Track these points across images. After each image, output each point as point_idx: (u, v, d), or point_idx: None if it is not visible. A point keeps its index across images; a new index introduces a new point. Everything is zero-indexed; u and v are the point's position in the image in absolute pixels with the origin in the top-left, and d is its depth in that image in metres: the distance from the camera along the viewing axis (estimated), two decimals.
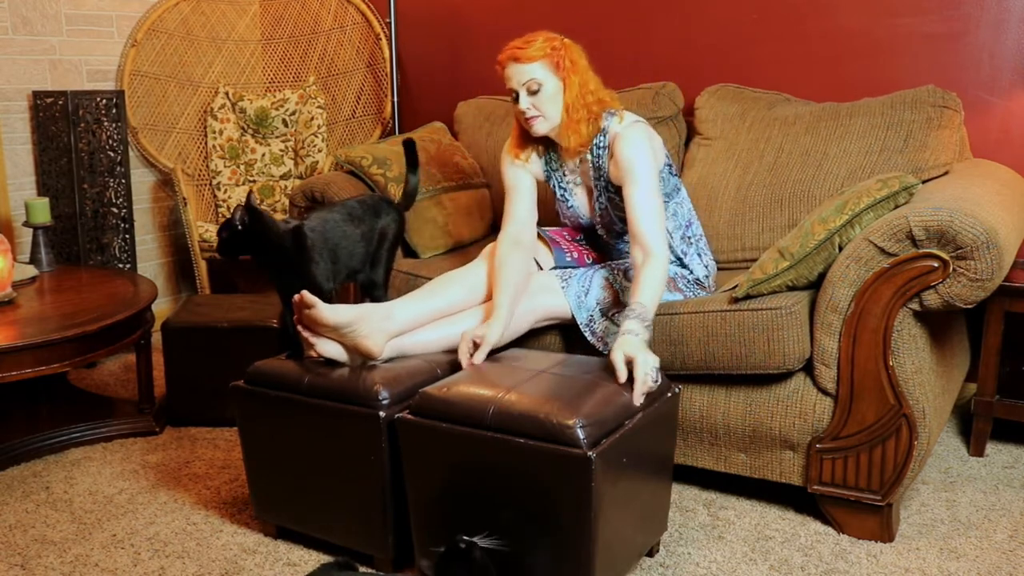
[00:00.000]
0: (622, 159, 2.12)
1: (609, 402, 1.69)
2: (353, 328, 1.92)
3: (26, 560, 1.97)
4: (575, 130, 2.16)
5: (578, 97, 2.14)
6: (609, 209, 2.27)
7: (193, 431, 2.71)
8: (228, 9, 3.98)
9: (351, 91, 3.89)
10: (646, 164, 2.11)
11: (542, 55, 2.12)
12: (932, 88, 2.49)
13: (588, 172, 2.27)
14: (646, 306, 1.91)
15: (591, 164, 2.24)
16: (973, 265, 1.80)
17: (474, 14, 3.55)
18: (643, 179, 2.09)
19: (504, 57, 2.16)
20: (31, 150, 3.41)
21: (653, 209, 2.08)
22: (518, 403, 1.67)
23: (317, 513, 1.96)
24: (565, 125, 2.16)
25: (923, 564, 1.89)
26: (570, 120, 2.16)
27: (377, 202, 2.29)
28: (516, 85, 2.15)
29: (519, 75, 2.14)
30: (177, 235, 3.97)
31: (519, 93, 2.15)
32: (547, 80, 2.13)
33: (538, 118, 2.17)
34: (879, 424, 1.92)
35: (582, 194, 2.34)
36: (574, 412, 1.61)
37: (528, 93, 2.14)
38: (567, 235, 2.41)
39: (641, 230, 2.05)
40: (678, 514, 2.12)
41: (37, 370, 2.33)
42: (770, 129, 2.69)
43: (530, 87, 2.14)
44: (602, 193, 2.25)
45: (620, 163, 2.12)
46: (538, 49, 2.12)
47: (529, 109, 2.16)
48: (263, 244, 2.01)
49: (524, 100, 2.15)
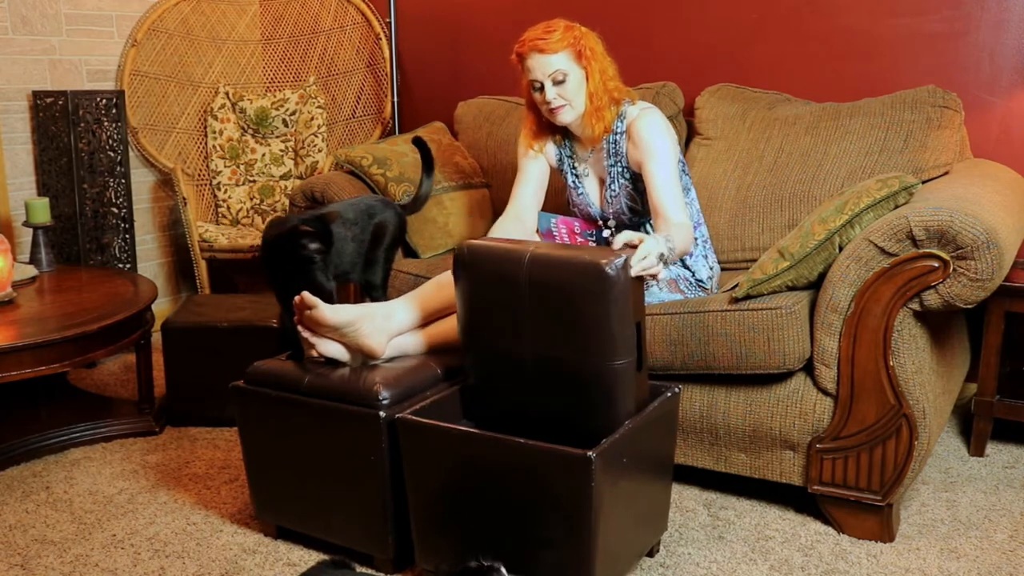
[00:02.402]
0: (641, 139, 2.17)
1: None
2: (355, 328, 1.92)
3: (26, 560, 1.97)
4: (599, 117, 2.20)
5: (600, 84, 2.18)
6: (621, 197, 2.28)
7: (193, 431, 2.71)
8: (228, 9, 3.98)
9: (351, 91, 3.89)
10: (665, 142, 2.18)
11: (565, 45, 2.15)
12: (932, 88, 2.49)
13: (601, 160, 2.28)
14: (670, 237, 1.96)
15: (606, 151, 2.26)
16: (973, 265, 1.80)
17: (474, 14, 3.55)
18: (662, 156, 2.16)
19: (526, 49, 2.16)
20: (31, 150, 3.41)
21: (673, 184, 2.15)
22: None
23: (317, 513, 1.95)
24: (589, 113, 2.20)
25: (923, 564, 1.89)
26: (594, 107, 2.19)
27: (372, 203, 2.29)
28: (540, 76, 2.17)
29: (544, 66, 2.15)
30: (177, 235, 3.96)
31: (544, 84, 2.17)
32: (571, 70, 2.16)
33: (564, 107, 2.20)
34: (879, 424, 1.92)
35: (594, 183, 2.35)
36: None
37: (554, 84, 2.16)
38: (576, 227, 2.41)
39: (662, 204, 2.12)
40: (678, 514, 2.12)
41: (37, 370, 2.33)
42: (770, 129, 2.69)
43: (555, 78, 2.16)
44: (615, 180, 2.27)
45: (640, 142, 2.17)
46: (561, 39, 2.14)
47: (556, 99, 2.18)
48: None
49: (551, 91, 2.17)
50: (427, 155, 2.46)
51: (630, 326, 1.65)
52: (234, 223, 3.80)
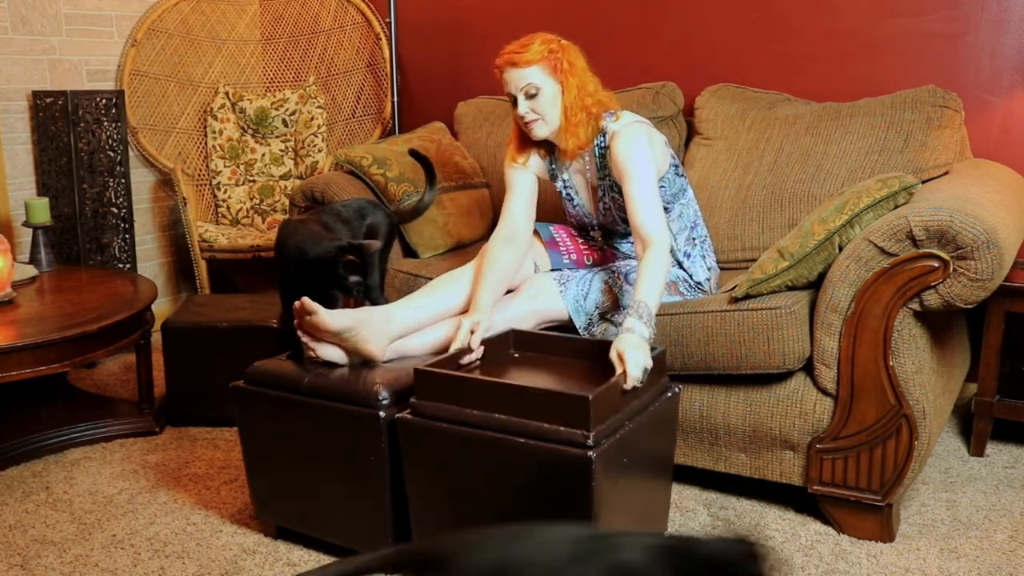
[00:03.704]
0: (618, 157, 2.11)
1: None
2: (354, 333, 1.92)
3: (26, 560, 1.97)
4: (573, 133, 2.14)
5: (576, 99, 2.12)
6: (612, 209, 2.26)
7: (193, 431, 2.71)
8: (228, 9, 3.97)
9: (351, 91, 3.89)
10: (642, 160, 2.09)
11: (539, 58, 2.10)
12: (932, 88, 2.49)
13: (593, 171, 2.27)
14: (645, 303, 1.88)
15: (596, 164, 2.23)
16: (973, 265, 1.80)
17: (474, 14, 3.55)
18: (639, 175, 2.08)
19: (501, 62, 2.14)
20: (31, 150, 3.41)
21: (651, 202, 2.06)
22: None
23: (317, 513, 1.95)
24: (563, 128, 2.15)
25: (923, 564, 1.89)
26: (568, 123, 2.14)
27: (363, 205, 2.29)
28: (514, 90, 2.13)
29: (516, 80, 2.12)
30: (177, 235, 3.96)
31: (517, 97, 2.14)
32: (545, 84, 2.11)
33: (537, 122, 2.15)
34: (879, 424, 1.92)
35: (587, 193, 2.34)
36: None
37: (526, 97, 2.12)
38: (573, 232, 2.41)
39: (639, 222, 2.03)
40: (678, 514, 2.12)
41: (37, 370, 2.33)
42: (770, 129, 2.69)
43: (528, 91, 2.11)
44: (606, 192, 2.25)
45: (616, 161, 2.11)
46: (535, 53, 2.10)
47: (528, 113, 2.14)
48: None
49: (523, 105, 2.13)
50: (430, 170, 2.46)
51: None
52: (234, 223, 3.80)
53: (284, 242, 2.09)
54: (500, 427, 1.65)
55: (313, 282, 2.01)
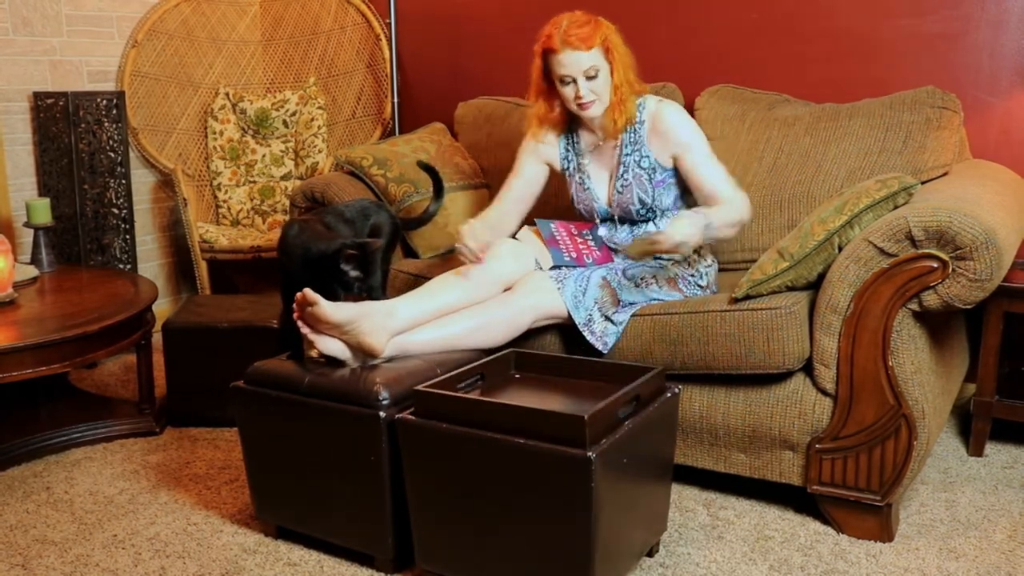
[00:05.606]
0: (673, 129, 2.23)
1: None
2: (355, 325, 1.92)
3: (27, 560, 1.97)
4: (623, 109, 2.23)
5: (623, 77, 2.22)
6: (633, 187, 2.28)
7: (193, 431, 2.72)
8: (228, 10, 3.98)
9: (351, 92, 3.89)
10: (697, 130, 2.25)
11: (599, 41, 2.17)
12: (932, 89, 2.49)
13: (612, 151, 2.29)
14: (708, 214, 2.04)
15: (623, 140, 2.27)
16: (972, 265, 1.80)
17: (474, 14, 3.55)
18: (698, 145, 2.23)
19: (557, 43, 2.16)
20: (32, 151, 3.42)
21: (717, 168, 2.22)
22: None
23: (317, 513, 1.96)
24: (614, 105, 2.23)
25: (923, 564, 1.89)
26: (619, 100, 2.22)
27: (367, 205, 2.30)
28: (574, 72, 2.18)
29: (578, 62, 2.17)
30: (178, 236, 3.97)
31: (576, 79, 2.18)
32: (603, 65, 2.20)
33: (595, 102, 2.22)
34: (878, 424, 1.92)
35: (601, 177, 2.36)
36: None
37: (587, 79, 2.18)
38: (573, 229, 2.41)
39: (715, 189, 2.19)
40: (678, 514, 2.12)
41: (37, 370, 2.33)
42: (770, 130, 2.69)
43: (589, 74, 2.19)
44: (629, 169, 2.28)
45: (671, 136, 2.23)
46: (594, 34, 2.17)
47: (588, 94, 2.20)
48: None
49: (584, 86, 2.19)
50: (438, 181, 2.49)
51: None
52: (234, 224, 3.80)
53: (287, 241, 2.10)
54: (500, 427, 1.65)
55: (315, 280, 2.01)
